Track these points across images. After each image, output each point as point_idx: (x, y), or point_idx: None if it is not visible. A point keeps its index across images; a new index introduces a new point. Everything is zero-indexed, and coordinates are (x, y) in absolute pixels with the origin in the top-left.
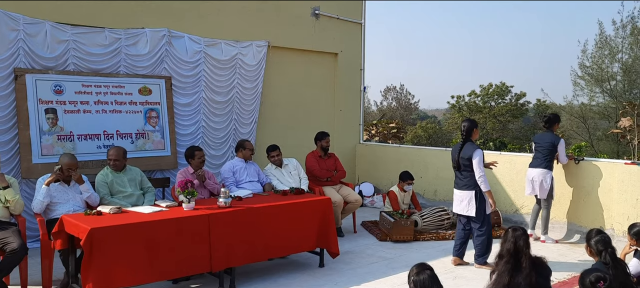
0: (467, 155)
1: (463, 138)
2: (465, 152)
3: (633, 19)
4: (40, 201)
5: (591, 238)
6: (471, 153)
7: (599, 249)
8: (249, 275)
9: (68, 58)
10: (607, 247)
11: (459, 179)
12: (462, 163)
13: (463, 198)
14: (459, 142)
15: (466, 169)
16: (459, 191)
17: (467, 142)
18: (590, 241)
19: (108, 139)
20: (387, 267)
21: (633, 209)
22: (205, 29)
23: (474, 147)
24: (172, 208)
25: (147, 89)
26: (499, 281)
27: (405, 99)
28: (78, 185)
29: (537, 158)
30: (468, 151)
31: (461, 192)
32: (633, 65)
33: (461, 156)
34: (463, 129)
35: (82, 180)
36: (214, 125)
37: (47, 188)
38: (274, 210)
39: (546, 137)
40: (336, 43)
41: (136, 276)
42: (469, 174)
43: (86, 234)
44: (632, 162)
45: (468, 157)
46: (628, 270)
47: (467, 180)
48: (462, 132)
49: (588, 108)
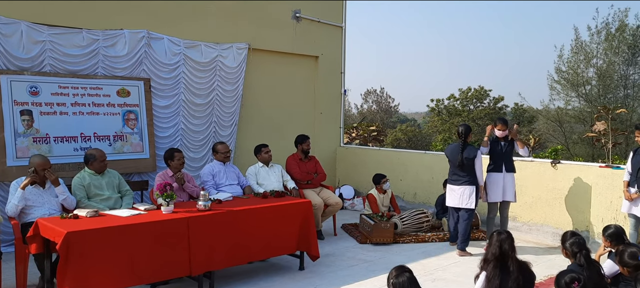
0: (471, 155)
1: (462, 140)
2: (468, 153)
3: (607, 25)
4: (15, 205)
5: (566, 241)
6: (474, 154)
7: (573, 251)
8: (229, 278)
9: (44, 59)
10: (582, 249)
11: (460, 176)
12: (466, 162)
13: (464, 193)
14: (455, 143)
15: (469, 167)
16: (460, 187)
17: (467, 144)
18: (565, 243)
19: (85, 142)
20: (367, 270)
21: (607, 211)
22: (185, 30)
23: (475, 149)
24: (150, 212)
25: (126, 90)
26: (489, 286)
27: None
28: (54, 187)
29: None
30: (471, 152)
31: (462, 187)
32: (607, 70)
33: (465, 157)
34: (461, 131)
35: (57, 182)
36: (193, 127)
37: (22, 192)
38: (254, 213)
39: (457, 150)
40: (317, 46)
41: (113, 281)
42: (471, 172)
43: (62, 238)
44: (606, 165)
45: (472, 157)
46: (602, 271)
47: (468, 177)
48: (460, 134)
49: (564, 112)
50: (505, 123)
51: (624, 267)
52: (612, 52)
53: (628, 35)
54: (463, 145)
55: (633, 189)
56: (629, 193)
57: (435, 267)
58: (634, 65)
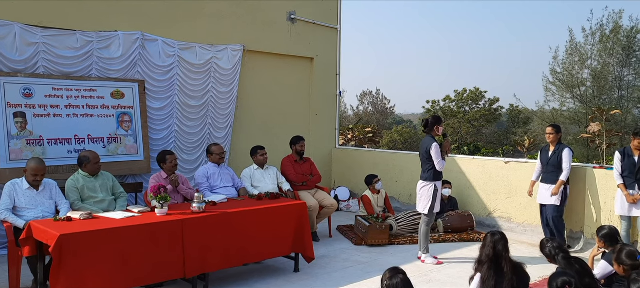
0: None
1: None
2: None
3: (602, 26)
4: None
5: (545, 248)
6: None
7: (552, 254)
8: (224, 280)
9: (38, 61)
10: (559, 252)
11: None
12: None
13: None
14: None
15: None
16: None
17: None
18: (544, 250)
19: (79, 144)
20: (362, 271)
21: (601, 212)
22: (180, 32)
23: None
24: (144, 214)
25: (120, 92)
26: (484, 287)
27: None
28: (48, 190)
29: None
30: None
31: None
32: (602, 71)
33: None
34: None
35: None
36: (188, 129)
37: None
38: (249, 215)
39: (425, 143)
40: (312, 48)
41: (107, 283)
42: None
43: (55, 241)
44: (601, 166)
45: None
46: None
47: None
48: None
49: (559, 113)
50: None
51: (621, 266)
52: (607, 53)
53: (622, 36)
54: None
55: (633, 191)
56: (632, 196)
57: (430, 268)
58: (629, 66)
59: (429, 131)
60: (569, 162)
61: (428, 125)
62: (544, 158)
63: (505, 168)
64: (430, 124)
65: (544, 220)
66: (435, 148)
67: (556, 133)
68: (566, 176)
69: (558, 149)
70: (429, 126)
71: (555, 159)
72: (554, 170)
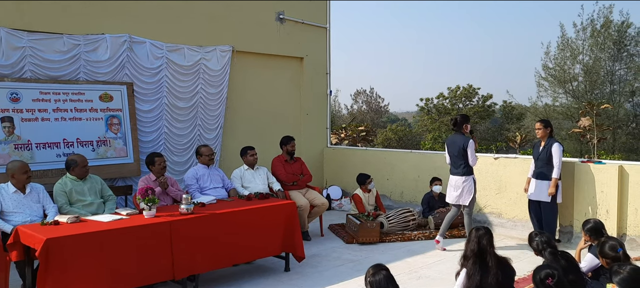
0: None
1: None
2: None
3: (592, 21)
4: None
5: (533, 241)
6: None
7: (539, 249)
8: (214, 281)
9: (25, 65)
10: (547, 247)
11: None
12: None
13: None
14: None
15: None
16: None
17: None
18: (532, 244)
19: (68, 147)
20: (352, 269)
21: (590, 206)
22: (168, 34)
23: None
24: (132, 216)
25: (108, 95)
26: (470, 283)
27: (375, 102)
28: (35, 193)
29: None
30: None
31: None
32: (594, 66)
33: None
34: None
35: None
36: (177, 131)
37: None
38: (238, 215)
39: (457, 140)
40: (301, 47)
41: (95, 286)
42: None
43: (42, 245)
44: (589, 160)
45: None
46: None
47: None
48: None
49: (552, 108)
50: None
51: (604, 259)
52: (598, 48)
53: (613, 31)
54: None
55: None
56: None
57: (421, 265)
58: (620, 60)
59: (458, 129)
60: (558, 158)
61: (457, 123)
62: (534, 154)
63: (495, 164)
64: (459, 122)
65: (532, 215)
66: (472, 145)
67: (545, 128)
68: (557, 172)
69: (548, 144)
70: (458, 124)
71: (544, 154)
72: (544, 165)
